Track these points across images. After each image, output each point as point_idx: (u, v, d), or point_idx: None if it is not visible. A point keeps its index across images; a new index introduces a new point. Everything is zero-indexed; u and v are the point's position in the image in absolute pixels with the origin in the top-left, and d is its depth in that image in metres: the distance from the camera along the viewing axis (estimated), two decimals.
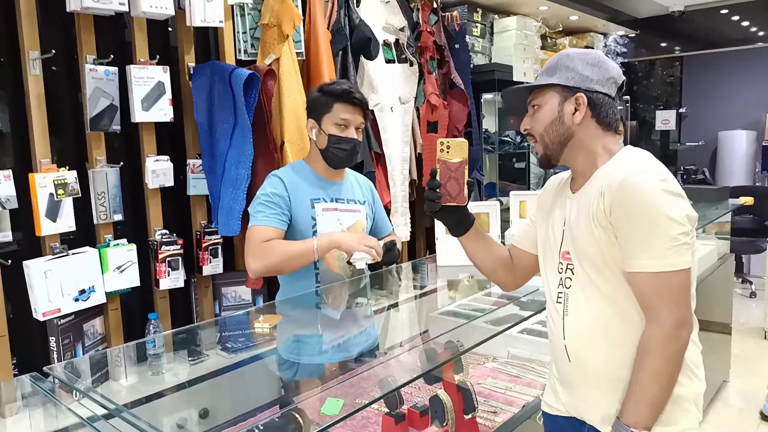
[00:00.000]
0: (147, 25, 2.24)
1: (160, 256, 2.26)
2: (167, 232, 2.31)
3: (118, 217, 2.19)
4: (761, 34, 6.25)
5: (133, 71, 2.15)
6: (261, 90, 2.34)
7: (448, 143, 1.35)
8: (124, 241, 2.19)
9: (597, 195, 1.21)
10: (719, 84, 7.17)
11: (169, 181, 2.29)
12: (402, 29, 3.32)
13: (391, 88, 3.21)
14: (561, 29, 4.91)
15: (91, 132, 2.11)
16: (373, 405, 1.75)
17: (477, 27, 4.05)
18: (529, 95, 1.34)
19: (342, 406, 1.47)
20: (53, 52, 2.00)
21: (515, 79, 4.07)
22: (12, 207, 1.90)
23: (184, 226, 2.46)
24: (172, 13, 2.18)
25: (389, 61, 3.23)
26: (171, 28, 2.46)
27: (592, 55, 1.28)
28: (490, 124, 4.16)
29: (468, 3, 3.90)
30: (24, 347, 2.02)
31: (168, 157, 2.30)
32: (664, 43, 6.85)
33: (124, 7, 2.04)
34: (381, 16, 3.21)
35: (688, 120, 7.42)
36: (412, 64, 3.35)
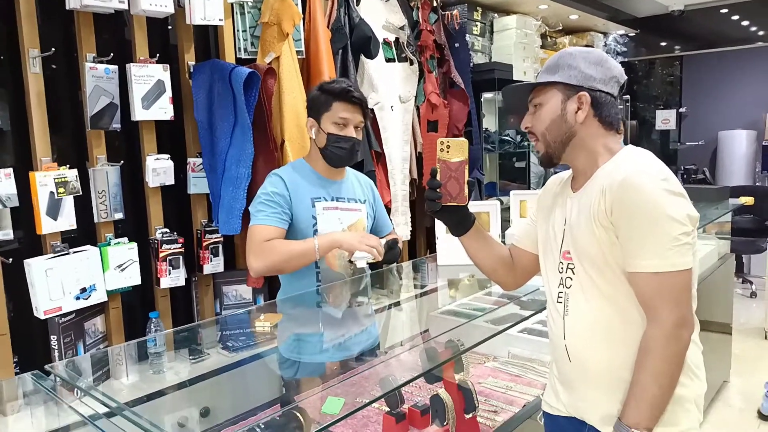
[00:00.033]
0: (147, 23, 2.24)
1: (161, 255, 2.26)
2: (168, 230, 2.32)
3: (119, 215, 2.19)
4: (761, 33, 6.25)
5: (133, 69, 2.15)
6: (261, 88, 2.34)
7: (448, 143, 1.34)
8: (125, 239, 2.19)
9: (598, 194, 1.20)
10: (719, 83, 7.17)
11: (170, 180, 2.29)
12: (402, 28, 3.31)
13: (391, 86, 3.21)
14: (561, 28, 4.91)
15: (92, 130, 2.11)
16: (374, 404, 1.75)
17: (477, 26, 4.05)
18: (531, 93, 1.33)
19: (343, 405, 1.47)
20: (53, 50, 2.00)
21: (515, 78, 4.07)
22: (13, 205, 1.90)
23: (184, 225, 2.46)
24: (172, 11, 2.18)
25: (389, 59, 3.23)
26: (171, 27, 2.46)
27: (594, 54, 1.27)
28: (490, 123, 4.16)
29: (468, 2, 3.90)
30: (25, 346, 2.02)
31: (168, 155, 2.30)
32: (664, 43, 6.85)
33: (124, 5, 2.04)
34: (381, 14, 3.21)
35: (688, 119, 7.42)
36: (412, 63, 3.35)
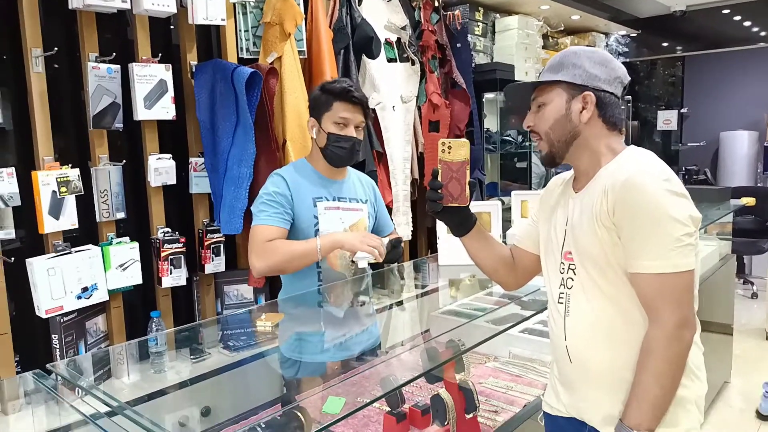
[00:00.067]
0: (149, 22, 2.24)
1: (163, 254, 2.26)
2: (169, 230, 2.32)
3: (121, 215, 2.19)
4: (763, 34, 6.24)
5: (135, 69, 2.15)
6: (263, 88, 2.34)
7: (449, 143, 1.33)
8: (127, 239, 2.20)
9: (600, 194, 1.20)
10: (721, 84, 7.16)
11: (172, 179, 2.30)
12: (404, 28, 3.32)
13: (392, 87, 3.21)
14: (562, 28, 4.91)
15: (94, 130, 2.11)
16: (375, 404, 1.76)
17: (479, 26, 4.05)
18: (534, 92, 1.32)
19: (343, 404, 1.47)
20: (56, 49, 2.00)
21: (517, 78, 4.07)
22: (15, 204, 1.90)
23: (186, 225, 2.46)
24: (174, 10, 2.19)
25: (391, 60, 3.23)
26: (173, 26, 2.46)
27: (599, 54, 1.27)
28: (491, 123, 4.16)
29: (470, 2, 3.90)
30: (26, 345, 2.02)
31: (170, 155, 2.30)
32: (665, 43, 6.84)
33: (126, 5, 2.05)
34: (383, 14, 3.21)
35: (689, 120, 7.41)
36: (413, 63, 3.35)
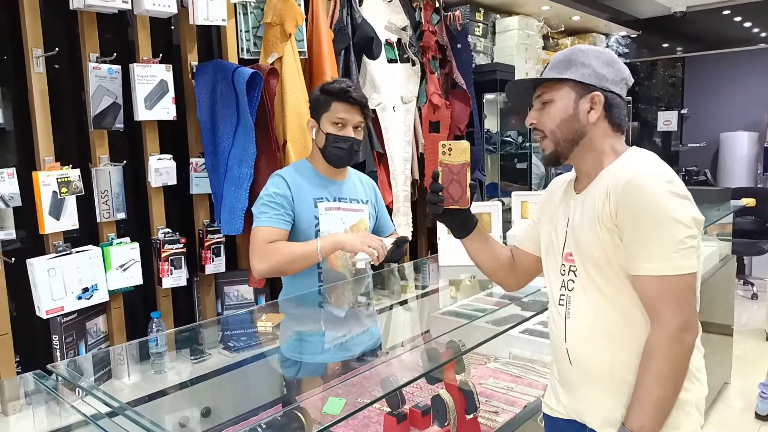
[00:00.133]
0: (150, 23, 2.24)
1: (163, 255, 2.26)
2: (170, 230, 2.32)
3: (121, 215, 2.19)
4: (763, 35, 6.24)
5: (136, 69, 2.15)
6: (264, 89, 2.34)
7: (450, 145, 1.32)
8: (127, 239, 2.20)
9: (603, 196, 1.19)
10: (721, 85, 7.16)
11: (172, 180, 2.30)
12: (404, 29, 3.32)
13: (393, 87, 3.21)
14: (563, 29, 4.91)
15: (95, 130, 2.11)
16: (375, 404, 1.76)
17: (479, 27, 4.05)
18: (537, 89, 1.30)
19: (344, 405, 1.47)
20: (56, 49, 2.00)
21: (517, 79, 4.06)
22: (15, 205, 1.90)
23: (186, 225, 2.46)
24: (175, 11, 2.19)
25: (391, 60, 3.23)
26: (174, 27, 2.46)
27: (606, 54, 1.26)
28: (491, 124, 4.16)
29: (470, 3, 3.90)
30: (27, 345, 2.02)
31: (171, 155, 2.30)
32: (666, 44, 6.84)
33: (127, 5, 2.05)
34: (383, 15, 3.21)
35: (689, 121, 7.41)
36: (414, 64, 3.35)
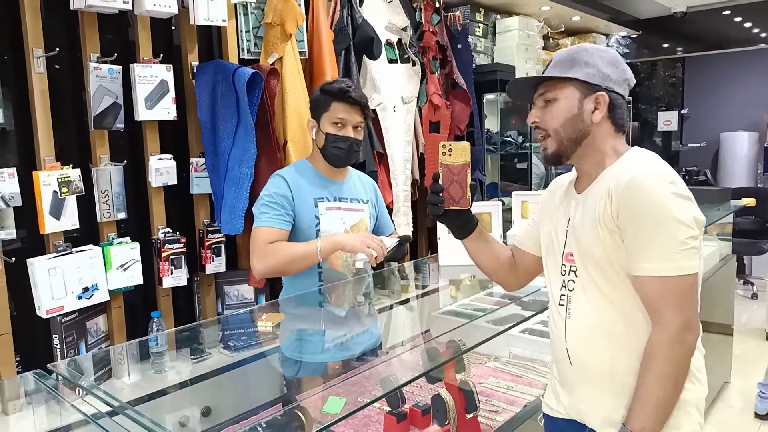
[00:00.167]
0: (150, 23, 2.24)
1: (163, 255, 2.26)
2: (170, 230, 2.32)
3: (122, 215, 2.19)
4: (763, 35, 6.24)
5: (136, 69, 2.16)
6: (264, 89, 2.34)
7: (450, 146, 1.32)
8: (128, 239, 2.20)
9: (604, 196, 1.19)
10: (721, 85, 7.16)
11: (173, 180, 2.30)
12: (405, 29, 3.32)
13: (393, 87, 3.21)
14: (563, 29, 4.91)
15: (95, 130, 2.11)
16: (375, 404, 1.76)
17: (479, 27, 4.05)
18: (540, 87, 1.29)
19: (344, 404, 1.47)
20: (57, 50, 2.00)
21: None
22: (16, 205, 1.90)
23: (187, 225, 2.47)
24: (176, 11, 2.19)
25: (392, 60, 3.23)
26: (174, 27, 2.46)
27: (610, 54, 1.25)
28: (492, 124, 4.16)
29: (470, 3, 3.90)
30: (27, 345, 2.02)
31: (171, 155, 2.30)
32: (666, 44, 6.84)
33: (128, 6, 2.05)
34: (384, 15, 3.21)
35: (690, 121, 7.41)
36: (414, 64, 3.36)
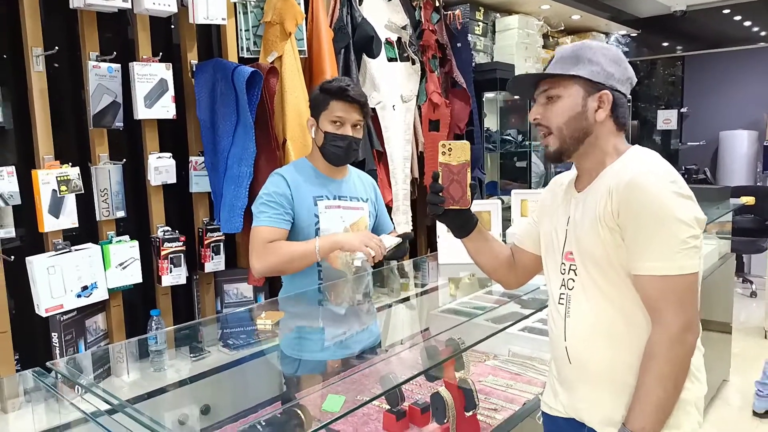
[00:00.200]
0: (150, 21, 2.24)
1: (163, 253, 2.26)
2: (169, 229, 2.32)
3: (121, 213, 2.19)
4: (763, 33, 6.24)
5: (135, 68, 2.16)
6: (263, 87, 2.34)
7: (449, 145, 1.31)
8: (127, 237, 2.20)
9: (605, 195, 1.18)
10: (721, 84, 7.16)
11: (172, 178, 2.30)
12: (404, 27, 3.32)
13: (393, 86, 3.21)
14: (563, 28, 4.91)
15: (94, 129, 2.11)
16: (374, 402, 1.76)
17: (479, 25, 4.05)
18: (543, 83, 1.27)
19: (343, 402, 1.47)
20: (56, 48, 2.00)
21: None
22: (15, 203, 1.90)
23: (186, 223, 2.46)
24: (175, 10, 2.19)
25: (391, 59, 3.23)
26: (174, 25, 2.46)
27: (613, 51, 1.24)
28: (491, 122, 4.16)
29: (470, 2, 3.90)
30: (26, 343, 2.02)
31: (170, 154, 2.30)
32: (665, 43, 6.84)
33: (127, 4, 2.05)
34: (383, 14, 3.21)
35: (689, 119, 7.41)
36: (414, 63, 3.36)
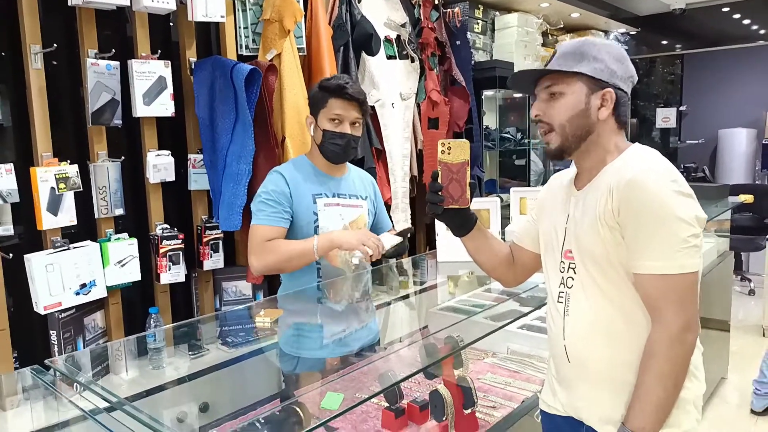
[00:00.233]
0: (148, 19, 2.24)
1: (161, 251, 2.26)
2: (168, 226, 2.32)
3: (119, 211, 2.19)
4: (762, 32, 6.25)
5: (134, 66, 2.15)
6: (262, 85, 2.33)
7: (449, 144, 1.30)
8: (125, 235, 2.20)
9: (605, 193, 1.17)
10: (720, 82, 7.16)
11: (170, 176, 2.30)
12: (403, 25, 3.31)
13: (392, 84, 3.21)
14: (562, 26, 4.91)
15: (93, 126, 2.11)
16: (373, 399, 1.76)
17: (478, 23, 4.05)
18: (545, 79, 1.26)
19: (342, 400, 1.48)
20: (55, 46, 2.00)
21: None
22: (13, 201, 1.90)
23: (185, 221, 2.46)
24: (174, 7, 2.18)
25: (390, 57, 3.23)
26: (172, 23, 2.45)
27: (615, 49, 1.24)
28: (490, 120, 4.16)
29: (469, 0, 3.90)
30: (25, 341, 2.02)
31: (169, 151, 2.30)
32: (665, 41, 6.85)
33: (126, 2, 2.04)
34: (382, 12, 3.21)
35: (688, 118, 7.42)
36: (413, 61, 3.35)
